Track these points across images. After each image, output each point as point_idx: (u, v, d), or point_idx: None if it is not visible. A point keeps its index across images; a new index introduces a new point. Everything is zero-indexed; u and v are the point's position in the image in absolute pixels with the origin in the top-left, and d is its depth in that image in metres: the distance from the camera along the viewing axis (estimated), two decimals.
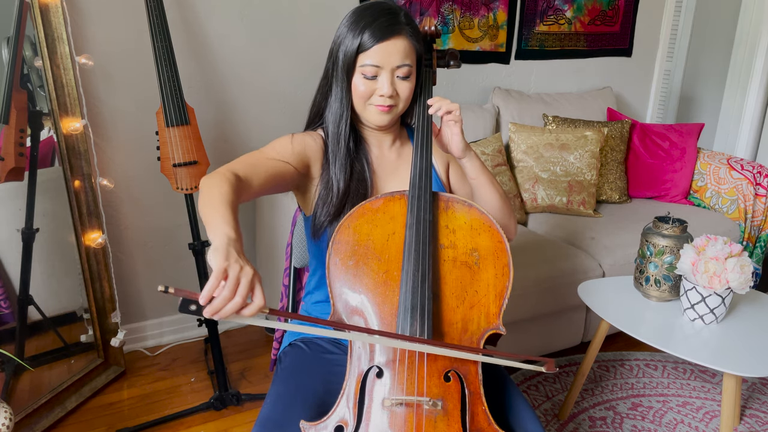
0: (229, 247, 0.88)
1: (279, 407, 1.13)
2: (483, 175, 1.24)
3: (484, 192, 1.25)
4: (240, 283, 0.84)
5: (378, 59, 1.15)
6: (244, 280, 0.84)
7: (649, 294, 1.85)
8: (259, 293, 0.87)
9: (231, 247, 0.88)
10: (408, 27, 1.17)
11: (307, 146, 1.24)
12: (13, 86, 1.82)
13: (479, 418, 1.01)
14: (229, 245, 0.88)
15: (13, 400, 1.83)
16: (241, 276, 0.85)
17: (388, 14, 1.16)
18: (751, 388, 2.23)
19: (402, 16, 1.17)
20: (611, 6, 3.15)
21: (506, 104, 2.77)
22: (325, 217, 1.21)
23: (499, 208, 1.27)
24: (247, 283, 0.85)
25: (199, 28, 2.21)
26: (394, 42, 1.15)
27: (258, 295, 0.86)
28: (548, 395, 2.14)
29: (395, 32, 1.15)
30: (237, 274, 0.84)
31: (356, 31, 1.16)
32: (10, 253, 1.86)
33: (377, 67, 1.16)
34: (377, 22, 1.15)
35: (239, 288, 0.84)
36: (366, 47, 1.15)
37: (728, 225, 2.67)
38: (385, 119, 1.21)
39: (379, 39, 1.14)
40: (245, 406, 2.05)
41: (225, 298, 0.82)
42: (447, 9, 2.67)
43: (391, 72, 1.17)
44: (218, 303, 0.82)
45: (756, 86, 3.28)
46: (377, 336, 1.01)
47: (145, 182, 2.25)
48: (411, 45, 1.17)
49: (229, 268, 0.84)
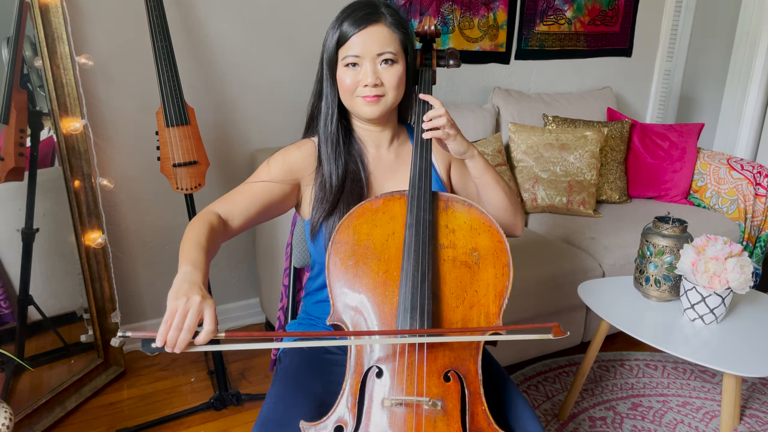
0: (182, 283, 0.95)
1: (279, 407, 1.13)
2: (487, 174, 1.23)
3: (489, 191, 1.25)
4: (187, 317, 0.91)
5: (357, 49, 1.15)
6: (191, 312, 0.91)
7: (649, 294, 1.85)
8: (208, 320, 0.92)
9: (184, 283, 0.95)
10: (387, 16, 1.17)
11: (288, 160, 1.25)
12: (13, 86, 1.82)
13: (479, 418, 1.01)
14: (183, 281, 0.95)
15: (13, 400, 1.83)
16: (188, 307, 0.91)
17: (366, 6, 1.17)
18: (751, 388, 2.23)
19: (381, 7, 1.18)
20: (611, 6, 3.15)
21: (506, 104, 2.77)
22: (319, 214, 1.21)
23: (505, 206, 1.26)
24: (194, 313, 0.91)
25: (199, 28, 2.21)
26: (371, 30, 1.15)
27: (207, 322, 0.92)
28: (548, 395, 2.14)
29: (372, 21, 1.15)
30: (183, 307, 0.91)
31: (335, 26, 1.17)
32: (10, 253, 1.86)
33: (357, 57, 1.15)
34: (354, 13, 1.16)
35: (186, 321, 0.90)
36: (345, 39, 1.15)
37: (728, 225, 2.67)
38: (375, 111, 1.19)
39: (356, 28, 1.14)
40: (245, 406, 2.05)
41: (175, 331, 0.90)
42: (447, 9, 2.67)
43: (372, 60, 1.16)
44: (171, 337, 0.90)
45: (756, 86, 3.28)
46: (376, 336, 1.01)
47: (145, 182, 2.24)
48: (392, 33, 1.17)
49: (177, 305, 0.91)
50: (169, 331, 0.90)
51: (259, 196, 1.21)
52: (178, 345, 0.90)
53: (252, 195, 1.21)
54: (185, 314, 0.91)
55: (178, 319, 0.90)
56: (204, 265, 1.02)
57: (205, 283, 0.99)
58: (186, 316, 0.91)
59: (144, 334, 0.90)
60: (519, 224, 1.31)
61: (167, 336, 0.90)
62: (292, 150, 1.27)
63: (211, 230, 1.10)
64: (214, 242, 1.11)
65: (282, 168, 1.24)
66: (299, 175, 1.26)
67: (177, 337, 0.90)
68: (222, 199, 1.21)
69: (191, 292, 0.93)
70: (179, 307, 0.91)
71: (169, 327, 0.90)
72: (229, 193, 1.22)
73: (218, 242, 1.13)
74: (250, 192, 1.21)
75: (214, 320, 0.92)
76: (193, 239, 1.06)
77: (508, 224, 1.29)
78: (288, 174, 1.24)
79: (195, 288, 0.94)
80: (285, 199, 1.25)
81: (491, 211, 1.26)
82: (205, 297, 0.94)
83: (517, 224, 1.31)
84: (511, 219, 1.29)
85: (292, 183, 1.25)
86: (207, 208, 1.18)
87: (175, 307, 0.91)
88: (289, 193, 1.25)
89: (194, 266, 1.00)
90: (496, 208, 1.26)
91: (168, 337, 0.90)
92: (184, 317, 0.91)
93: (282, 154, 1.26)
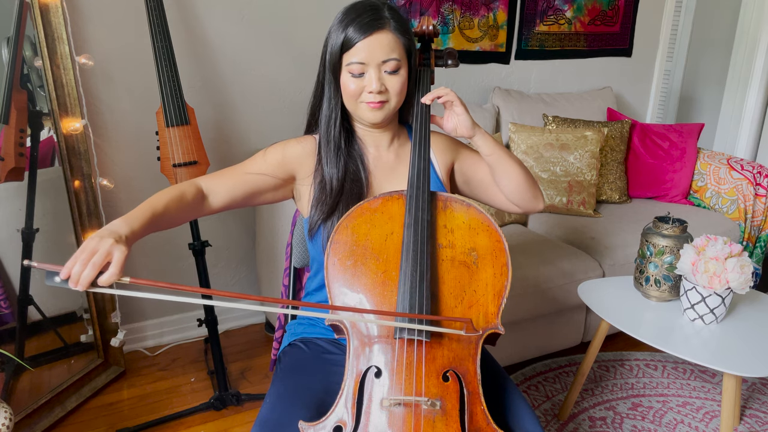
0: (103, 230, 0.98)
1: (278, 407, 1.13)
2: (499, 150, 1.23)
3: (504, 165, 1.24)
4: (95, 255, 0.92)
5: (362, 56, 1.14)
6: (99, 251, 0.92)
7: (649, 294, 1.85)
8: (114, 264, 0.93)
9: (105, 229, 0.98)
10: (392, 21, 1.16)
11: (288, 153, 1.25)
12: (13, 86, 1.82)
13: (478, 418, 1.01)
14: (105, 228, 0.98)
15: (13, 400, 1.83)
16: (97, 247, 0.93)
17: (371, 10, 1.15)
18: (751, 388, 2.23)
19: (385, 11, 1.16)
20: (611, 6, 3.15)
21: (506, 104, 2.77)
22: (318, 216, 1.22)
23: (524, 179, 1.26)
24: (102, 253, 0.92)
25: (199, 28, 2.21)
26: (377, 37, 1.14)
27: (112, 266, 0.93)
28: (548, 395, 2.14)
29: (378, 27, 1.14)
30: (93, 246, 0.93)
31: (339, 30, 1.16)
32: (10, 253, 1.86)
33: (363, 64, 1.15)
34: (359, 18, 1.14)
35: (93, 258, 0.92)
36: (350, 45, 1.14)
37: (728, 225, 2.67)
38: (378, 116, 1.20)
39: (361, 35, 1.13)
40: (245, 406, 2.05)
41: (79, 266, 0.91)
42: (447, 9, 2.68)
43: (378, 67, 1.15)
44: (75, 272, 0.91)
45: (756, 86, 3.27)
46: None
47: (145, 182, 2.25)
48: (396, 39, 1.16)
49: (87, 243, 0.93)
50: (74, 265, 0.91)
51: (249, 181, 1.23)
52: (81, 281, 0.90)
53: (242, 179, 1.22)
54: (93, 252, 0.92)
55: (85, 255, 0.91)
56: (139, 222, 1.03)
57: (131, 238, 1.00)
58: (93, 253, 0.92)
59: (50, 266, 0.91)
60: (540, 196, 1.31)
61: (72, 270, 0.91)
62: (292, 143, 1.27)
63: (177, 199, 1.12)
64: (177, 211, 1.12)
65: (279, 159, 1.24)
66: (296, 168, 1.26)
67: (81, 272, 0.90)
68: (212, 174, 1.23)
69: (106, 235, 0.95)
70: (89, 245, 0.93)
71: (75, 262, 0.91)
72: (220, 171, 1.24)
73: (184, 213, 1.15)
74: (241, 175, 1.23)
75: (120, 264, 0.93)
76: (150, 201, 1.09)
77: (528, 198, 1.28)
78: (283, 166, 1.25)
79: (112, 234, 0.96)
80: (274, 191, 1.26)
81: (511, 188, 1.26)
82: (119, 242, 0.95)
83: (537, 196, 1.30)
84: (532, 192, 1.28)
85: (285, 176, 1.25)
86: (191, 180, 1.20)
87: (86, 246, 0.93)
88: (280, 186, 1.26)
89: (125, 220, 1.02)
90: (514, 183, 1.25)
91: (72, 272, 0.91)
92: (92, 255, 0.92)
93: (281, 146, 1.27)
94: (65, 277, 0.91)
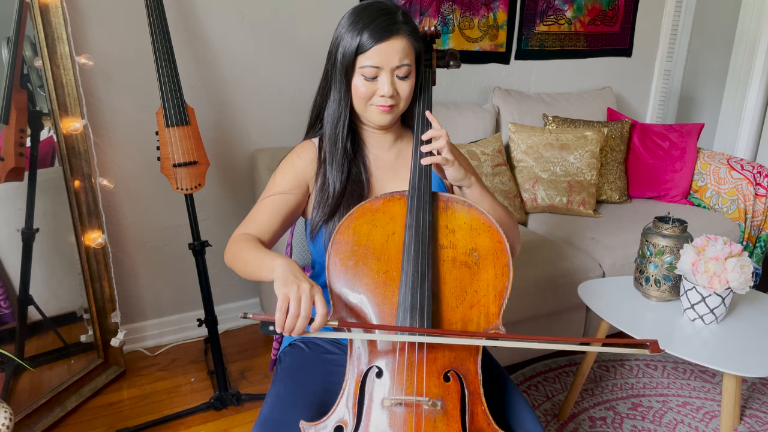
0: (287, 273, 0.98)
1: (279, 407, 1.13)
2: (485, 201, 1.24)
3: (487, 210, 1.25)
4: (301, 302, 0.94)
5: (377, 60, 1.15)
6: (304, 298, 0.94)
7: (649, 294, 1.85)
8: (320, 304, 0.95)
9: (288, 272, 0.98)
10: (406, 26, 1.16)
11: (294, 170, 1.26)
12: (13, 86, 1.82)
13: (479, 418, 1.01)
14: (286, 271, 0.98)
15: (13, 400, 1.83)
16: (300, 293, 0.94)
17: (386, 14, 1.15)
18: (751, 388, 2.23)
19: (400, 15, 1.16)
20: (611, 6, 3.15)
21: (506, 104, 2.77)
22: (320, 217, 1.22)
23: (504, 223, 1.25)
24: (307, 299, 0.94)
25: (199, 28, 2.21)
26: (392, 42, 1.14)
27: (319, 306, 0.95)
28: (548, 395, 2.14)
29: (394, 32, 1.14)
30: (296, 294, 0.94)
31: (354, 32, 1.15)
32: (10, 253, 1.86)
33: (377, 68, 1.15)
34: (375, 22, 1.14)
35: (301, 305, 0.94)
36: (365, 48, 1.14)
37: (728, 225, 2.67)
38: (387, 119, 1.21)
39: (377, 40, 1.13)
40: (245, 406, 2.05)
41: (292, 319, 0.93)
42: (447, 9, 2.67)
43: (391, 72, 1.16)
44: (289, 323, 0.93)
45: (756, 86, 3.28)
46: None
47: (145, 182, 2.25)
48: (410, 44, 1.17)
49: (289, 292, 0.94)
50: (286, 317, 0.93)
51: (278, 209, 1.23)
52: (296, 330, 0.93)
53: (272, 210, 1.23)
54: (299, 300, 0.94)
55: (294, 306, 0.93)
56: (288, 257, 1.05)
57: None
58: (300, 301, 0.93)
59: (264, 317, 0.95)
60: (517, 242, 1.31)
61: (285, 324, 0.93)
62: (294, 159, 1.28)
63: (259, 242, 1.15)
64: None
65: (290, 179, 1.25)
66: (307, 181, 1.27)
67: (294, 324, 0.93)
68: (245, 222, 1.22)
69: (299, 279, 0.96)
70: (291, 293, 0.94)
71: (284, 313, 0.93)
72: (248, 216, 1.24)
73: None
74: (269, 207, 1.23)
75: (326, 304, 0.95)
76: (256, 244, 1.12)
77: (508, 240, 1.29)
78: (296, 183, 1.25)
79: (301, 275, 0.98)
80: (300, 205, 1.27)
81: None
82: (313, 283, 0.97)
83: (516, 241, 1.30)
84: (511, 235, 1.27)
85: (302, 190, 1.26)
86: (238, 233, 1.19)
87: (287, 294, 0.94)
88: (302, 199, 1.27)
89: (285, 258, 1.03)
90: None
91: (286, 325, 0.93)
92: (299, 303, 0.93)
93: (288, 166, 1.27)
94: (280, 330, 0.94)
